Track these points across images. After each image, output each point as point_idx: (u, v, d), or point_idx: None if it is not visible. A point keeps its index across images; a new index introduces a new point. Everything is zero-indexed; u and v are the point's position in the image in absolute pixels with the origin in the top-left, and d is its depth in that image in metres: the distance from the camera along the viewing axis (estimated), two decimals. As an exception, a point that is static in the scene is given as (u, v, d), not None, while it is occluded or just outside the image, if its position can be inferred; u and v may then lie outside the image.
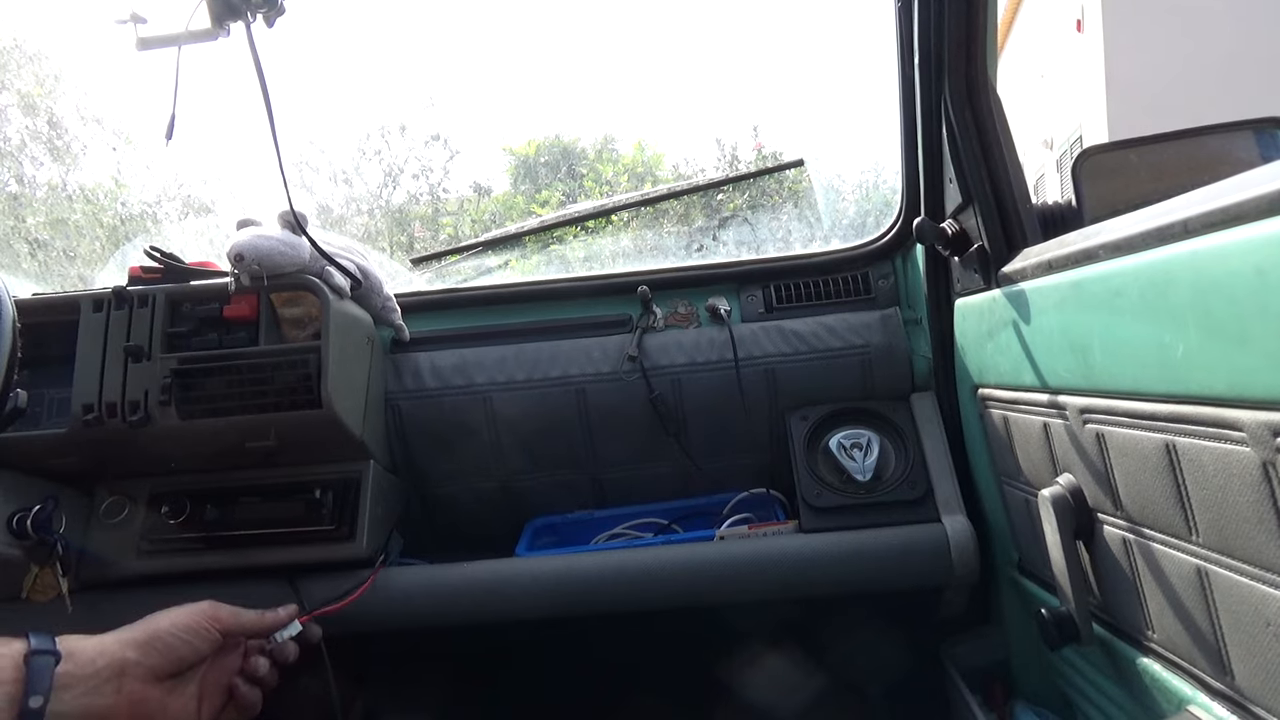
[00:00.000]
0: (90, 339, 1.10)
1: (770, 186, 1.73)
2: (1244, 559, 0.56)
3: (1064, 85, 10.64)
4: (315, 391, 1.05)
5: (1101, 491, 0.74)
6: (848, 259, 1.32)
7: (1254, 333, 0.50)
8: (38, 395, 1.12)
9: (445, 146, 4.60)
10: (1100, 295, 0.69)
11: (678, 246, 1.63)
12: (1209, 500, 0.58)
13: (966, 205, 1.01)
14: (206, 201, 4.19)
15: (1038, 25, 11.91)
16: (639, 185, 3.26)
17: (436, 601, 1.11)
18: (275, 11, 0.90)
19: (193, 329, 1.11)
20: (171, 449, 1.11)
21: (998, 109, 0.98)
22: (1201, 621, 0.63)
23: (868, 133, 1.92)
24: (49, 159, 3.90)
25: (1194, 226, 0.56)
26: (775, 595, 1.10)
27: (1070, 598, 0.79)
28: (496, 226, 2.76)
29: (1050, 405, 0.80)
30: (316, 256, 1.10)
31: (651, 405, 1.22)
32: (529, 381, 1.24)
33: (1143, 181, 0.99)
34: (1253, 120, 0.97)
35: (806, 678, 1.24)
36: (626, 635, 1.27)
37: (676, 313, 1.31)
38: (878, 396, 1.23)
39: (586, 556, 1.13)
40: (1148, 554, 0.69)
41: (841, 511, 1.12)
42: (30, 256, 2.89)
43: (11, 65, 3.82)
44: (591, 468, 1.28)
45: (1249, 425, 0.51)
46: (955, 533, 1.07)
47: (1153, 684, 0.72)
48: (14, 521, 1.04)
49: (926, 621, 1.20)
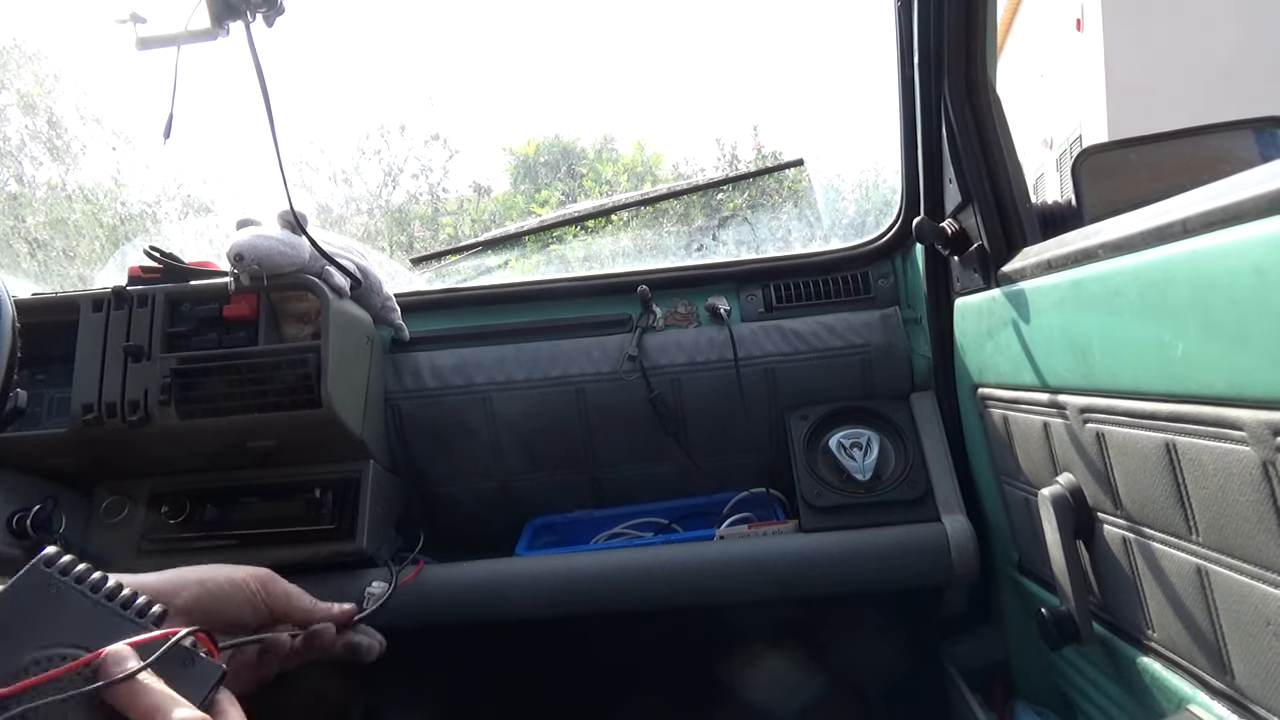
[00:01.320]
0: (90, 339, 1.10)
1: (770, 186, 1.74)
2: (1244, 558, 0.56)
3: (1064, 85, 10.64)
4: (315, 391, 1.05)
5: (1101, 491, 0.74)
6: (847, 258, 1.32)
7: (1254, 332, 0.50)
8: (38, 395, 1.12)
9: (445, 146, 4.60)
10: (1100, 294, 0.69)
11: (677, 246, 1.63)
12: (1209, 499, 0.58)
13: (966, 204, 1.01)
14: (206, 201, 4.20)
15: (1038, 25, 11.91)
16: (639, 185, 3.26)
17: (437, 601, 1.11)
18: (275, 11, 0.90)
19: (192, 329, 1.11)
20: (171, 449, 1.11)
21: (997, 108, 0.98)
22: (1201, 621, 0.63)
23: (867, 132, 1.92)
24: (49, 158, 3.90)
25: (1193, 226, 0.56)
26: (775, 595, 1.10)
27: (1070, 597, 0.79)
28: (496, 226, 2.77)
29: (1050, 404, 0.80)
30: (316, 256, 1.10)
31: (651, 405, 1.22)
32: (529, 381, 1.25)
33: (1142, 181, 0.98)
34: (1253, 120, 0.97)
35: (807, 677, 1.24)
36: (626, 635, 1.27)
37: (676, 312, 1.31)
38: (877, 396, 1.23)
39: (586, 556, 1.13)
40: (1148, 553, 0.69)
41: (841, 511, 1.12)
42: (30, 256, 2.90)
43: (11, 65, 3.82)
44: (591, 467, 1.28)
45: (1249, 424, 0.51)
46: (955, 532, 1.07)
47: (1153, 683, 0.72)
48: (14, 521, 1.04)
49: (926, 621, 1.20)
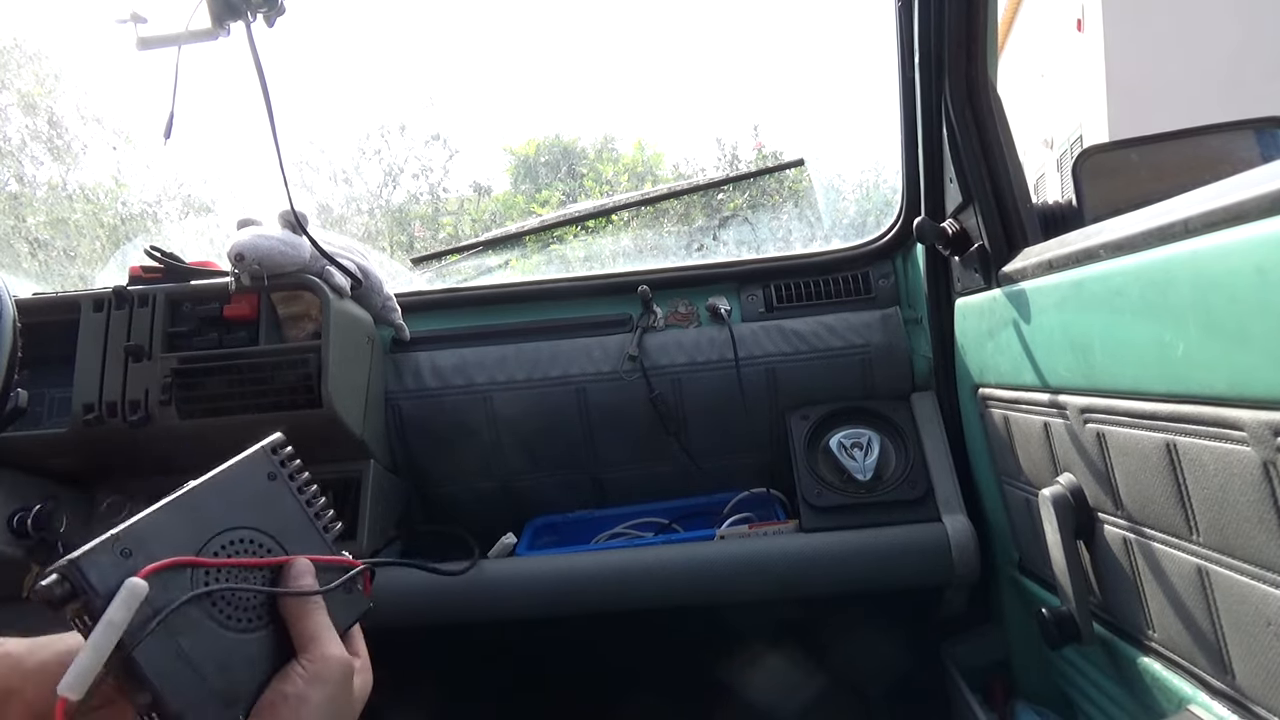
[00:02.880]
0: (91, 339, 1.10)
1: (770, 186, 1.74)
2: (1244, 558, 0.56)
3: (1064, 85, 10.64)
4: (315, 391, 1.05)
5: (1102, 491, 0.74)
6: (848, 259, 1.32)
7: (1254, 332, 0.50)
8: (38, 395, 1.12)
9: (445, 146, 4.61)
10: (1101, 294, 0.69)
11: (678, 246, 1.63)
12: (1209, 500, 0.58)
13: (967, 205, 1.01)
14: (207, 201, 4.20)
15: (1038, 25, 11.90)
16: (639, 185, 3.27)
17: (437, 601, 1.11)
18: (275, 11, 0.90)
19: (193, 329, 1.11)
20: (171, 449, 1.11)
21: (998, 108, 0.98)
22: (1202, 621, 0.63)
23: (868, 132, 1.92)
24: (49, 158, 3.91)
25: (1194, 226, 0.56)
26: (776, 594, 1.10)
27: (1071, 597, 0.79)
28: (496, 226, 2.77)
29: (1051, 405, 0.80)
30: (317, 256, 1.10)
31: (652, 405, 1.22)
32: (529, 381, 1.24)
33: (1143, 181, 0.98)
34: (1253, 120, 0.97)
35: (807, 677, 1.24)
36: (627, 635, 1.27)
37: (677, 312, 1.31)
38: (878, 396, 1.23)
39: (587, 556, 1.13)
40: (1148, 553, 0.69)
41: (842, 511, 1.12)
42: (30, 256, 2.90)
43: (11, 65, 3.82)
44: (592, 467, 1.28)
45: (1250, 424, 0.51)
46: (955, 532, 1.07)
47: (1153, 683, 0.72)
48: (14, 521, 1.04)
49: (927, 621, 1.20)
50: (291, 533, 0.52)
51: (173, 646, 0.42)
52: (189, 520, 0.48)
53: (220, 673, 0.44)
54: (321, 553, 0.52)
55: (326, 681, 0.47)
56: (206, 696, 0.43)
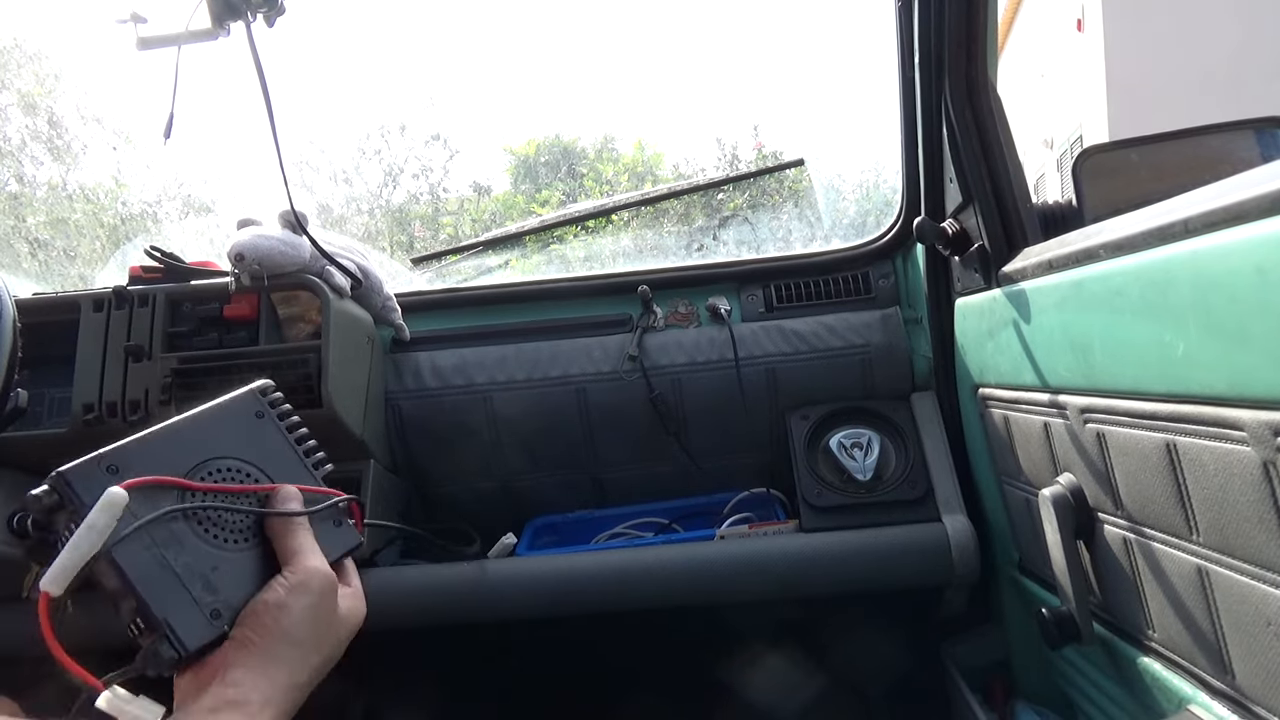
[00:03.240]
0: (91, 338, 1.10)
1: (770, 186, 1.74)
2: (1244, 558, 0.56)
3: (1064, 85, 10.64)
4: (316, 391, 1.05)
5: (1102, 491, 0.74)
6: (848, 259, 1.32)
7: (1254, 332, 0.50)
8: (38, 395, 1.11)
9: (445, 146, 4.61)
10: (1101, 294, 0.69)
11: (678, 246, 1.63)
12: (1209, 500, 0.58)
13: (967, 205, 1.01)
14: (207, 201, 4.20)
15: (1038, 25, 11.90)
16: (639, 185, 3.27)
17: (437, 601, 1.10)
18: (275, 11, 0.90)
19: (193, 328, 1.11)
20: (172, 448, 1.11)
21: (998, 108, 0.98)
22: (1202, 621, 0.63)
23: (868, 132, 1.92)
24: (49, 158, 3.91)
25: (1194, 226, 0.56)
26: (776, 595, 1.10)
27: (1071, 597, 0.79)
28: (496, 226, 2.77)
29: (1051, 405, 0.80)
30: (317, 256, 1.10)
31: (652, 405, 1.22)
32: (529, 381, 1.24)
33: (1143, 181, 0.98)
34: (1253, 120, 0.97)
35: (807, 677, 1.24)
36: (627, 635, 1.27)
37: (677, 312, 1.30)
38: (878, 396, 1.23)
39: (587, 556, 1.13)
40: (1148, 553, 0.69)
41: (842, 511, 1.12)
42: (30, 256, 2.90)
43: (12, 65, 3.82)
44: (592, 467, 1.28)
45: (1250, 425, 0.51)
46: (955, 532, 1.07)
47: (1153, 683, 0.72)
48: (14, 521, 1.04)
49: (927, 621, 1.20)
50: (278, 466, 0.53)
51: (157, 556, 0.44)
52: (176, 446, 0.49)
53: (206, 586, 0.45)
54: (306, 485, 0.54)
55: (308, 591, 0.48)
56: (190, 604, 0.44)
